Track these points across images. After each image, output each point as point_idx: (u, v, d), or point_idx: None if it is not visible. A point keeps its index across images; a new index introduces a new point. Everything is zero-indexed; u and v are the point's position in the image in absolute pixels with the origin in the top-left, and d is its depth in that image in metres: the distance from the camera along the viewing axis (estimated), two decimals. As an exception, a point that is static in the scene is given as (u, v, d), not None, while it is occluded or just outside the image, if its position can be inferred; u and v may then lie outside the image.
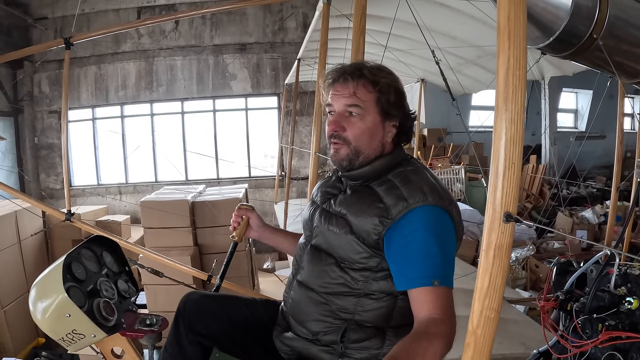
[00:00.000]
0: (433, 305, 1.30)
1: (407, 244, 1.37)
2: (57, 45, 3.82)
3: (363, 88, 1.49)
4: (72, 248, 1.48)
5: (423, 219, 1.39)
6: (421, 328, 1.28)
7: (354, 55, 2.60)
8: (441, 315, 1.28)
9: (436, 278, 1.31)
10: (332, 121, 1.53)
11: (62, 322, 1.32)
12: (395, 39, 4.41)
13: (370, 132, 1.52)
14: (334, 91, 1.53)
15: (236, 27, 9.12)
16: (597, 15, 1.66)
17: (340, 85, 1.52)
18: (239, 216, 1.94)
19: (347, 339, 1.49)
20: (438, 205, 1.41)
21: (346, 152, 1.52)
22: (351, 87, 1.49)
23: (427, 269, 1.33)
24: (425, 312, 1.30)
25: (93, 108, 9.32)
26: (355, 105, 1.49)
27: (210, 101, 9.42)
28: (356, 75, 1.50)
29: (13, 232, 5.24)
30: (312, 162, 3.52)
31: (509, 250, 0.96)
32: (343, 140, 1.52)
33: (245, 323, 1.73)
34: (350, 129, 1.51)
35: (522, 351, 3.15)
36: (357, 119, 1.50)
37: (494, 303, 0.98)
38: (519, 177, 0.92)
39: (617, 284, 2.26)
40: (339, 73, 1.53)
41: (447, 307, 1.31)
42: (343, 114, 1.52)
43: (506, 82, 0.89)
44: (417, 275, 1.34)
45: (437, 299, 1.30)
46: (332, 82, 1.54)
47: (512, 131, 0.89)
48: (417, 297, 1.33)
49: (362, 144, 1.51)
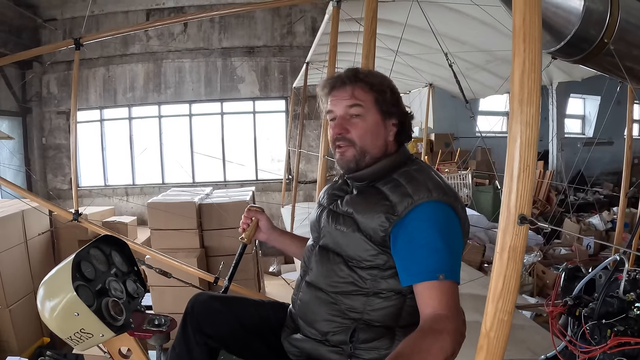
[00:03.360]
0: (438, 302, 1.30)
1: (412, 240, 1.39)
2: (66, 45, 3.83)
3: (360, 89, 1.55)
4: (81, 247, 1.48)
5: (428, 215, 1.40)
6: (427, 324, 1.28)
7: (365, 59, 2.60)
8: (447, 311, 1.29)
9: (441, 272, 1.32)
10: (336, 125, 1.57)
11: (70, 320, 1.32)
12: (405, 43, 4.41)
13: (373, 131, 1.56)
14: (332, 98, 1.59)
15: (244, 30, 9.15)
16: (609, 20, 1.66)
17: (338, 90, 1.58)
18: (248, 218, 1.94)
19: (357, 339, 1.49)
20: (443, 201, 1.42)
21: (352, 153, 1.55)
22: (349, 90, 1.55)
23: (432, 264, 1.34)
24: (431, 308, 1.30)
25: (101, 109, 9.36)
26: (355, 105, 1.54)
27: (218, 104, 9.43)
28: (352, 80, 1.56)
29: (20, 232, 5.26)
30: (320, 165, 3.52)
31: (523, 253, 0.96)
32: (348, 141, 1.55)
33: (253, 325, 1.73)
34: (353, 130, 1.55)
35: (528, 357, 3.14)
36: (359, 119, 1.54)
37: (508, 305, 0.98)
38: (533, 180, 0.92)
39: (626, 289, 2.25)
40: (335, 80, 1.60)
41: (453, 302, 1.31)
42: (345, 117, 1.56)
43: (521, 84, 0.89)
44: (422, 270, 1.35)
45: (442, 294, 1.31)
46: (330, 90, 1.60)
47: (527, 134, 0.90)
48: (423, 292, 1.34)
49: (367, 144, 1.55)
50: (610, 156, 9.59)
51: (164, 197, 5.55)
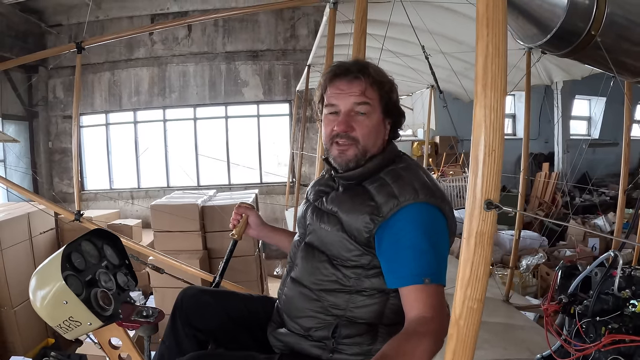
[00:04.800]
0: (424, 304, 1.29)
1: (397, 242, 1.37)
2: (69, 49, 3.88)
3: (371, 87, 1.49)
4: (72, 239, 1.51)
5: (414, 217, 1.38)
6: (411, 327, 1.28)
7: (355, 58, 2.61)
8: (432, 313, 1.28)
9: (427, 276, 1.31)
10: (341, 121, 1.50)
11: (59, 309, 1.35)
12: (404, 44, 4.42)
13: (375, 131, 1.52)
14: (337, 90, 1.51)
15: (248, 34, 9.21)
16: (595, 12, 1.65)
17: (346, 84, 1.50)
18: (238, 214, 1.98)
19: (339, 334, 1.48)
20: (429, 203, 1.40)
21: (354, 152, 1.51)
22: (362, 86, 1.49)
23: (418, 267, 1.32)
24: (416, 310, 1.30)
25: (106, 113, 9.46)
26: (364, 104, 1.49)
27: (222, 108, 9.49)
28: (365, 74, 1.50)
29: (25, 235, 5.31)
30: (317, 165, 3.54)
31: (491, 239, 0.95)
32: (352, 140, 1.50)
33: (242, 318, 1.74)
34: (359, 129, 1.50)
35: (527, 357, 3.14)
36: (364, 117, 1.50)
37: (477, 293, 0.96)
38: (500, 165, 0.91)
39: (621, 286, 2.25)
40: (343, 71, 1.52)
41: (438, 305, 1.30)
42: (349, 114, 1.50)
43: (485, 69, 0.89)
44: (408, 274, 1.33)
45: (427, 297, 1.30)
46: (335, 80, 1.53)
47: (491, 118, 0.89)
48: (408, 295, 1.33)
49: (369, 143, 1.51)
50: (616, 157, 9.51)
51: (167, 199, 5.58)
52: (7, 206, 5.87)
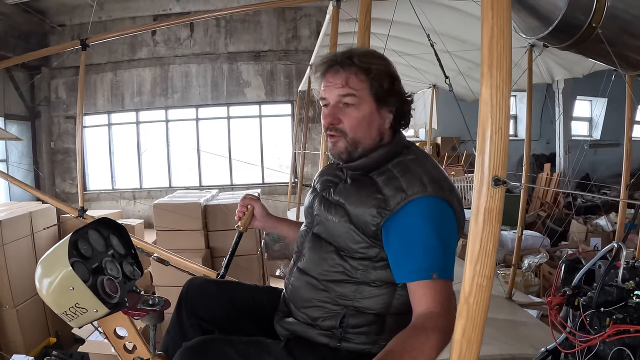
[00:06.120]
0: (432, 299, 1.28)
1: (405, 236, 1.36)
2: (73, 46, 3.89)
3: (355, 77, 1.46)
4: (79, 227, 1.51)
5: (422, 211, 1.36)
6: (419, 322, 1.27)
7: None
8: (439, 309, 1.27)
9: (435, 271, 1.29)
10: (328, 114, 1.50)
11: (65, 295, 1.35)
12: (406, 43, 4.44)
13: (367, 121, 1.49)
14: (326, 83, 1.50)
15: (250, 35, 9.24)
16: (596, 5, 1.67)
17: (332, 75, 1.48)
18: (244, 206, 1.97)
19: (346, 324, 1.48)
20: (438, 196, 1.38)
21: (343, 144, 1.50)
22: (343, 77, 1.46)
23: (425, 262, 1.31)
24: (424, 306, 1.29)
25: (109, 114, 9.49)
26: (349, 95, 1.46)
27: (224, 108, 9.52)
28: (346, 64, 1.47)
29: (27, 232, 5.31)
30: (321, 162, 3.55)
31: (500, 215, 0.96)
32: (340, 132, 1.49)
33: (247, 308, 1.74)
34: (346, 120, 1.48)
35: (531, 352, 3.14)
36: (352, 108, 1.47)
37: (486, 269, 0.98)
38: (506, 142, 0.93)
39: (625, 277, 2.25)
40: (329, 63, 1.50)
41: (446, 300, 1.28)
42: (337, 105, 1.49)
43: (490, 49, 0.91)
44: (415, 269, 1.32)
45: (435, 293, 1.29)
46: (323, 73, 1.51)
47: (497, 97, 0.91)
48: (416, 290, 1.32)
49: (360, 135, 1.49)
50: (618, 158, 9.50)
51: (170, 198, 5.59)
52: (10, 205, 5.87)
